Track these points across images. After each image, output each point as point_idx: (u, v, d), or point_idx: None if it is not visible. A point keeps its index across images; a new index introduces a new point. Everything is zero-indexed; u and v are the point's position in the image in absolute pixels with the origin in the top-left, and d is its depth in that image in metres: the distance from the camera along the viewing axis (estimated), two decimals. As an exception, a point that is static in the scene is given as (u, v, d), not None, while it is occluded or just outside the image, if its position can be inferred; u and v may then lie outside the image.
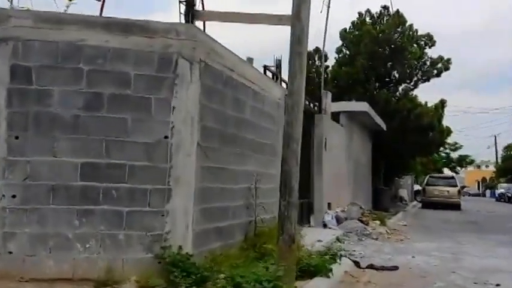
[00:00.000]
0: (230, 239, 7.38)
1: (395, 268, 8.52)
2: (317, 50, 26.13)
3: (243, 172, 7.90)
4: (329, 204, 14.04)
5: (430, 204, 28.93)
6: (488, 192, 72.01)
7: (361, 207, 14.12)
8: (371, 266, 8.53)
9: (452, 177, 32.25)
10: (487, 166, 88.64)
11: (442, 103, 25.05)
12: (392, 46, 24.11)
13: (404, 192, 32.26)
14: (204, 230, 6.55)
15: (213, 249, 6.71)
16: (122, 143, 5.97)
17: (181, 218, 6.06)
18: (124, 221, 5.88)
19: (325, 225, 13.13)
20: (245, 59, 8.91)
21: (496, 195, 55.42)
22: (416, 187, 39.72)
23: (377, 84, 24.40)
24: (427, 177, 31.89)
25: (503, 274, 8.42)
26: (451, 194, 29.22)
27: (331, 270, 6.86)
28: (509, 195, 45.74)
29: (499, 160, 71.87)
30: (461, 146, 57.72)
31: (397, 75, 24.64)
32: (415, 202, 35.24)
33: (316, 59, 26.09)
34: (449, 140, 34.83)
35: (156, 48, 6.12)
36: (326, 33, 14.64)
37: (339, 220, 13.39)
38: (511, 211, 30.56)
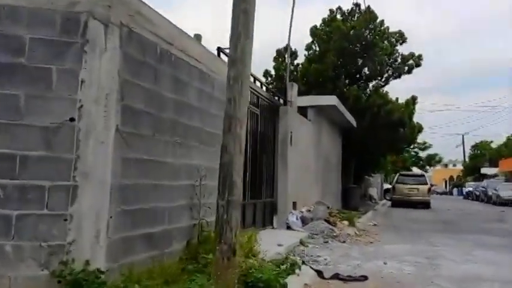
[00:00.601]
0: (166, 248, 5.91)
1: (365, 278, 7.16)
2: (287, 48, 24.82)
3: (185, 166, 6.44)
4: (294, 203, 12.66)
5: (399, 203, 27.95)
6: (455, 190, 71.87)
7: (328, 207, 12.77)
8: (336, 276, 7.15)
9: (422, 176, 31.19)
10: (454, 165, 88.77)
11: (414, 99, 23.93)
12: (363, 43, 22.90)
13: (374, 191, 31.16)
14: (126, 239, 5.07)
15: (140, 262, 5.24)
16: (12, 127, 4.46)
17: (90, 224, 4.58)
18: (12, 228, 4.37)
19: (289, 227, 11.74)
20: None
21: (464, 194, 55.03)
22: (386, 185, 38.77)
23: (347, 81, 23.15)
24: (397, 175, 30.83)
25: (488, 284, 7.13)
26: (421, 192, 28.25)
27: (285, 286, 5.44)
28: (477, 193, 45.13)
29: (467, 159, 71.81)
30: (431, 145, 57.19)
31: (367, 72, 23.42)
32: (384, 201, 34.25)
33: (286, 56, 24.76)
34: (420, 138, 33.86)
35: (59, 5, 4.62)
36: (292, 21, 13.19)
37: (304, 221, 12.02)
38: (480, 209, 29.90)
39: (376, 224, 16.02)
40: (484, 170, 61.60)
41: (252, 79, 10.29)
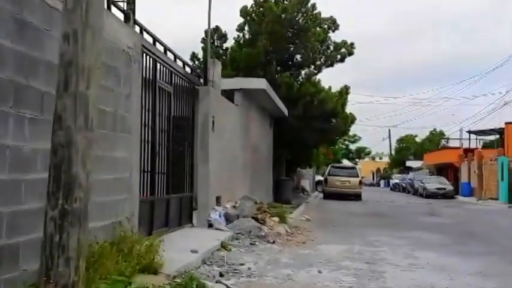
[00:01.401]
0: (5, 272, 3.82)
1: (295, 297, 5.37)
2: (217, 28, 22.87)
3: (43, 152, 4.33)
4: (218, 198, 10.77)
5: (331, 195, 26.93)
6: (382, 182, 72.70)
7: (256, 202, 10.97)
8: (259, 297, 5.32)
9: (354, 168, 30.38)
10: (380, 158, 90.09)
11: (347, 89, 22.67)
12: (295, 27, 21.31)
13: (306, 183, 29.92)
14: None
15: None
16: None
17: None
18: None
19: (211, 225, 9.84)
20: None
21: (391, 185, 55.29)
22: (318, 177, 37.77)
23: (279, 68, 21.53)
24: (329, 167, 29.76)
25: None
26: (353, 184, 27.41)
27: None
28: (404, 185, 45.21)
29: (393, 152, 72.76)
30: (360, 137, 57.15)
31: (300, 59, 21.87)
32: (316, 193, 33.23)
33: (215, 38, 22.80)
34: (352, 130, 32.97)
35: None
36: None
37: (228, 218, 10.15)
38: (409, 201, 29.47)
39: (309, 218, 14.46)
40: (409, 163, 62.46)
41: (162, 49, 8.27)
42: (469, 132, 42.82)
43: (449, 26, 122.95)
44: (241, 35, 21.99)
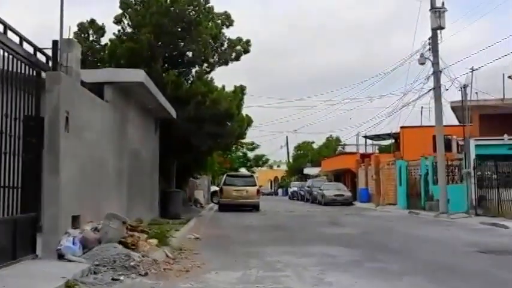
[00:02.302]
0: None
1: None
2: (92, 22, 20.21)
3: None
4: (75, 218, 8.39)
5: (228, 206, 25.17)
6: (280, 191, 72.60)
7: (125, 222, 8.71)
8: None
9: (251, 176, 28.88)
10: (278, 166, 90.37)
11: (242, 89, 21.02)
12: (185, 21, 19.32)
13: (200, 195, 27.88)
14: None
15: None
16: None
17: None
18: None
19: (61, 256, 7.46)
20: None
21: (289, 194, 54.85)
22: (214, 188, 35.92)
23: (166, 66, 19.38)
24: (225, 176, 27.95)
25: None
26: (250, 194, 25.89)
27: None
28: (302, 193, 44.73)
29: (291, 159, 72.99)
30: (258, 145, 56.29)
31: (190, 55, 19.88)
32: (212, 204, 31.31)
33: (90, 33, 20.11)
34: (249, 136, 31.46)
35: None
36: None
37: (87, 245, 7.81)
38: (309, 210, 28.63)
39: (198, 237, 12.40)
40: (306, 170, 62.71)
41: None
42: (365, 137, 43.35)
43: (354, 31, 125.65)
44: (120, 28, 19.57)
